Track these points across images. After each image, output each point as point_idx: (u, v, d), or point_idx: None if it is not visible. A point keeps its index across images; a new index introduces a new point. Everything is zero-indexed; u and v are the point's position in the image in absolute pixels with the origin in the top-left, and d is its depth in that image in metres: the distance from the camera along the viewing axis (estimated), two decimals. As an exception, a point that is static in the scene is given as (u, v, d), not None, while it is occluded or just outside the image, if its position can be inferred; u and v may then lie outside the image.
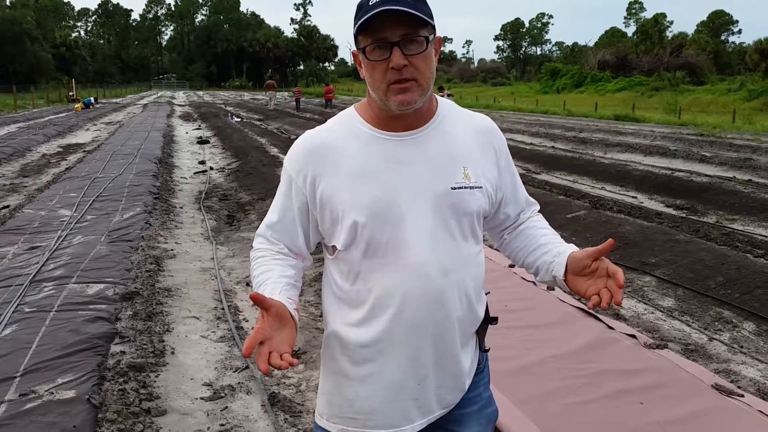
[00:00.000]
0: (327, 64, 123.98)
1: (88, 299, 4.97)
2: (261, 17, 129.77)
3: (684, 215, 9.02)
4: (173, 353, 4.36)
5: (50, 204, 8.81)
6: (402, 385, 1.61)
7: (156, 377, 3.97)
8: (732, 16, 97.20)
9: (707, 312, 5.22)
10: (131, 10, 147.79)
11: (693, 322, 5.03)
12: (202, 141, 19.25)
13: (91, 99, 39.71)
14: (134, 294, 5.27)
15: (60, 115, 30.23)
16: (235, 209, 9.40)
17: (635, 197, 10.57)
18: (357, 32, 1.51)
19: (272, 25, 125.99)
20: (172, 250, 6.94)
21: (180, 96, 66.09)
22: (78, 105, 36.18)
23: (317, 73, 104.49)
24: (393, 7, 1.44)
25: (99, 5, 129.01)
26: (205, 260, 6.68)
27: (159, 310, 5.09)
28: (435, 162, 1.58)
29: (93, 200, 8.92)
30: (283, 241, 1.66)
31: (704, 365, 4.17)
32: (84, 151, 16.19)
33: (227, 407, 3.66)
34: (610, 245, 1.64)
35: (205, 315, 5.13)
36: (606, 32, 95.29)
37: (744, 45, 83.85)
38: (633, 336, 4.42)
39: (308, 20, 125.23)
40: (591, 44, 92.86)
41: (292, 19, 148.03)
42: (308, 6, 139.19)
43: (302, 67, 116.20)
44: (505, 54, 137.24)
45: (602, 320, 4.68)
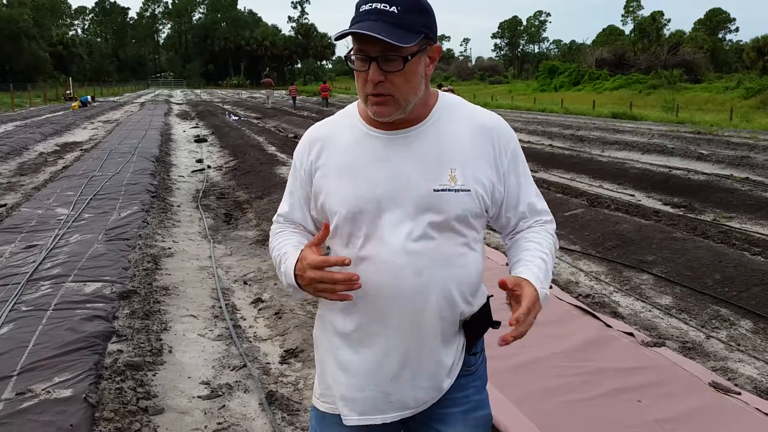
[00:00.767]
0: (325, 63, 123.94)
1: (86, 298, 4.96)
2: (258, 15, 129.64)
3: (681, 213, 9.03)
4: (171, 352, 4.36)
5: (47, 202, 8.80)
6: (373, 377, 1.64)
7: (153, 376, 3.97)
8: (729, 14, 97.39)
9: (704, 310, 5.22)
10: (128, 9, 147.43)
11: (690, 320, 5.03)
12: (200, 139, 19.22)
13: (88, 97, 39.65)
14: (131, 292, 5.26)
15: (57, 114, 30.17)
16: (233, 208, 9.40)
17: (633, 195, 10.58)
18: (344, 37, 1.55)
19: (270, 24, 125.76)
20: (170, 249, 6.93)
21: (177, 94, 66.01)
22: (75, 103, 36.13)
23: (315, 72, 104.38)
24: (364, 32, 1.44)
25: (96, 3, 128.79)
26: (203, 259, 6.68)
27: (156, 309, 5.09)
28: (421, 162, 1.58)
29: (90, 199, 8.90)
30: (295, 221, 1.78)
31: (702, 363, 4.17)
32: (81, 150, 16.17)
33: (225, 406, 3.66)
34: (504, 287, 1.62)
35: (203, 313, 5.12)
36: (603, 30, 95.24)
37: (741, 43, 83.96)
38: (630, 334, 4.43)
39: (306, 18, 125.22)
40: (588, 42, 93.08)
41: (290, 18, 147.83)
42: (306, 4, 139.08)
43: (300, 66, 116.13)
44: (503, 52, 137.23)
45: (600, 318, 4.69)
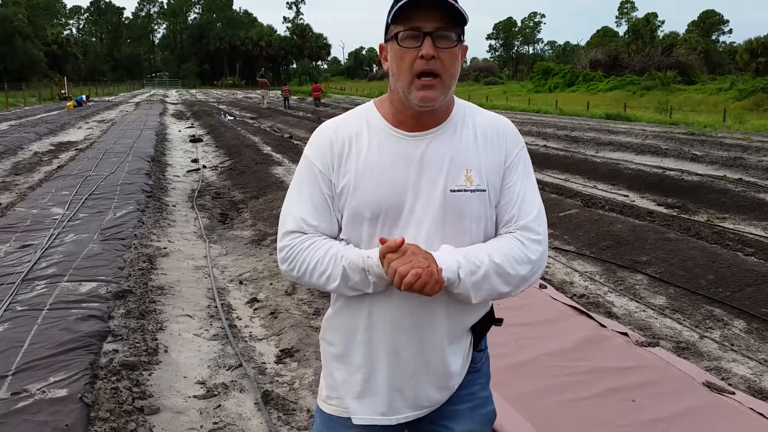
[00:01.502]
0: (320, 63, 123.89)
1: (81, 297, 4.95)
2: (254, 16, 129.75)
3: (675, 214, 9.06)
4: (166, 351, 4.36)
5: (42, 202, 8.78)
6: (389, 376, 1.65)
7: (149, 375, 3.97)
8: (722, 16, 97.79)
9: (698, 310, 5.25)
10: (123, 8, 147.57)
11: (684, 320, 5.06)
12: (195, 139, 19.19)
13: (83, 97, 39.55)
14: (127, 292, 5.26)
15: (52, 113, 30.08)
16: (229, 208, 9.39)
17: (627, 196, 10.61)
18: (392, 20, 1.53)
19: (265, 24, 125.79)
20: (165, 249, 6.92)
21: (173, 94, 65.88)
22: (70, 103, 36.02)
23: (310, 72, 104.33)
24: None
25: (91, 3, 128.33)
26: (198, 258, 6.67)
27: (152, 309, 5.08)
28: (440, 163, 1.60)
29: (85, 198, 8.88)
30: (321, 229, 1.64)
31: (695, 363, 4.19)
32: (76, 150, 16.12)
33: (220, 405, 3.66)
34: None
35: (198, 313, 5.12)
36: (598, 32, 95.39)
37: (734, 45, 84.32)
38: (625, 334, 4.45)
39: (301, 19, 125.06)
40: (583, 43, 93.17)
41: (285, 18, 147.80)
42: (301, 5, 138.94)
43: (295, 66, 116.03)
44: (498, 53, 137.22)
45: (594, 318, 4.70)
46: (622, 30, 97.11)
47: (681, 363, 4.01)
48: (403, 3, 1.48)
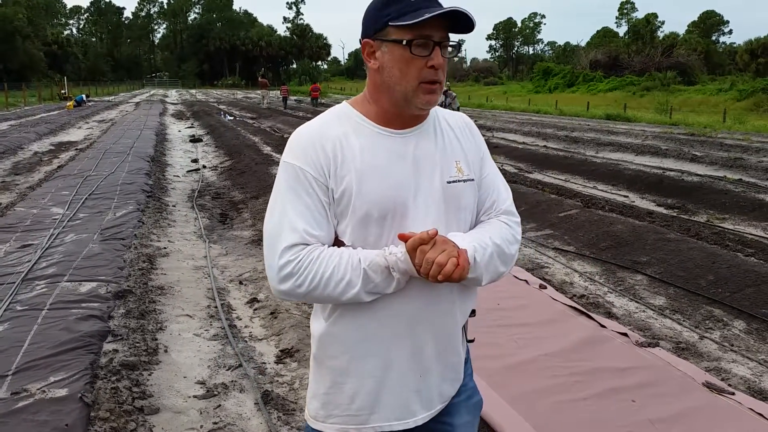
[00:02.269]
0: (320, 63, 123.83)
1: (81, 297, 4.95)
2: (254, 16, 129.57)
3: (675, 214, 9.06)
4: (166, 351, 4.36)
5: (42, 202, 8.78)
6: (405, 378, 1.63)
7: (149, 375, 3.97)
8: (723, 17, 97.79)
9: (698, 310, 5.25)
10: (123, 8, 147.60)
11: (684, 321, 5.06)
12: (195, 139, 19.20)
13: (83, 96, 39.56)
14: (127, 292, 5.26)
15: (52, 113, 30.08)
16: (228, 208, 9.39)
17: (627, 196, 10.61)
18: (395, 23, 1.51)
19: (265, 24, 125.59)
20: (165, 249, 6.92)
21: (172, 94, 65.87)
22: (70, 103, 36.02)
23: (310, 72, 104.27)
24: (461, 9, 1.49)
25: (91, 3, 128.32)
26: (198, 258, 6.67)
27: (152, 309, 5.08)
28: (432, 157, 1.63)
29: (85, 198, 8.89)
30: (322, 239, 1.57)
31: (695, 363, 4.19)
32: (76, 149, 16.12)
33: (220, 405, 3.66)
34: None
35: (198, 313, 5.12)
36: (598, 32, 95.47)
37: (734, 45, 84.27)
38: (625, 334, 4.45)
39: (301, 19, 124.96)
40: (583, 44, 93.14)
41: (285, 18, 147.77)
42: (301, 5, 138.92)
43: (295, 66, 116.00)
44: (498, 53, 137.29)
45: (594, 318, 4.71)
46: (622, 30, 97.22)
47: (681, 363, 4.02)
48: (432, 15, 1.47)
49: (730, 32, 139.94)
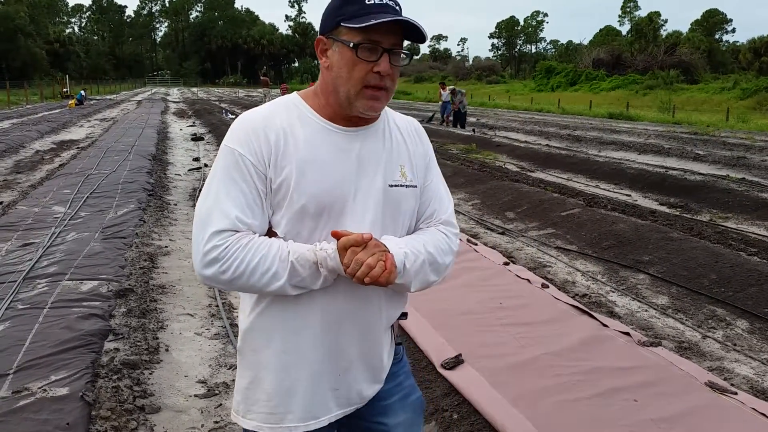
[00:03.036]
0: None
1: (82, 296, 4.95)
2: (256, 14, 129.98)
3: (678, 213, 9.05)
4: (167, 350, 4.35)
5: (44, 200, 8.78)
6: (323, 376, 1.63)
7: (150, 374, 3.96)
8: (726, 15, 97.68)
9: (701, 310, 5.23)
10: (126, 7, 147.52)
11: (687, 320, 5.04)
12: (197, 138, 19.19)
13: (83, 92, 39.61)
14: (128, 291, 5.25)
15: (53, 112, 30.12)
16: (230, 206, 9.38)
17: (629, 195, 10.60)
18: (345, 25, 1.51)
19: (267, 22, 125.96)
20: (167, 247, 6.92)
21: (174, 93, 65.91)
22: (72, 101, 36.09)
23: (312, 70, 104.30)
24: (411, 20, 1.48)
25: (93, 1, 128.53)
26: (200, 257, 6.66)
27: (153, 307, 5.08)
28: (377, 159, 1.62)
29: (87, 197, 8.88)
30: (254, 228, 1.54)
31: (698, 363, 4.18)
32: (78, 148, 16.13)
33: (221, 404, 3.65)
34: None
35: (200, 312, 5.12)
36: (600, 30, 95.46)
37: (738, 44, 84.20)
38: (627, 334, 4.44)
39: (303, 17, 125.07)
40: (586, 42, 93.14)
41: (287, 16, 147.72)
42: (303, 3, 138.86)
43: (297, 65, 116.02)
44: (500, 52, 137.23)
45: (596, 318, 4.70)
46: (625, 29, 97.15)
47: (683, 363, 4.00)
48: (378, 23, 1.46)
49: (734, 30, 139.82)
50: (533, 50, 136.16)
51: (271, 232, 1.58)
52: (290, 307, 1.59)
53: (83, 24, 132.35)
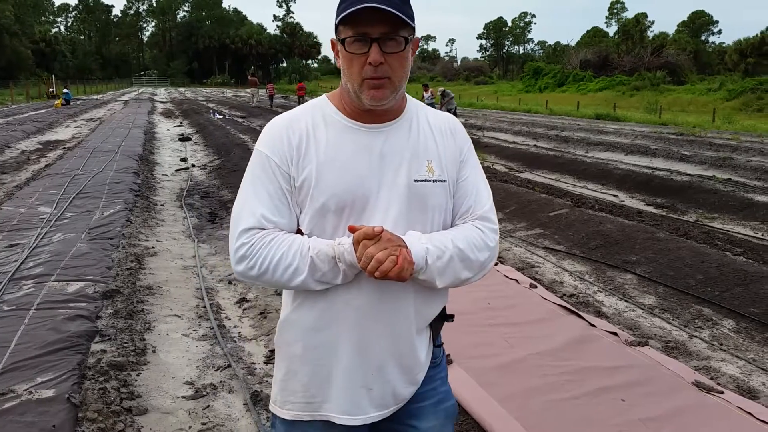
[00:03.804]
0: (310, 62, 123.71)
1: (68, 297, 4.91)
2: (243, 14, 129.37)
3: (664, 214, 9.10)
4: (154, 352, 4.33)
5: (29, 201, 8.71)
6: (354, 372, 1.63)
7: (137, 376, 3.94)
8: (712, 17, 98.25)
9: (687, 309, 5.26)
10: (112, 6, 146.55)
11: (673, 320, 5.07)
12: (184, 138, 19.11)
13: (68, 92, 39.32)
14: (115, 292, 5.22)
15: (39, 112, 29.87)
16: (217, 207, 9.35)
17: (616, 196, 10.65)
18: (339, 22, 1.54)
19: (255, 22, 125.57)
20: (154, 248, 6.88)
21: (161, 93, 65.61)
22: (58, 101, 35.79)
23: (300, 71, 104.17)
24: (377, 5, 1.47)
25: (79, 1, 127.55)
26: (187, 258, 6.64)
27: (140, 309, 5.05)
28: (401, 155, 1.62)
29: (73, 197, 8.82)
30: (281, 225, 1.60)
31: (685, 362, 4.21)
32: (64, 148, 16.01)
33: (209, 406, 3.64)
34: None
35: (187, 313, 5.09)
36: (588, 32, 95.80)
37: (724, 45, 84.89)
38: (614, 333, 4.46)
39: (291, 17, 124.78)
40: (573, 44, 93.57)
41: (275, 16, 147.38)
42: (291, 3, 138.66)
43: (285, 65, 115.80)
44: (488, 53, 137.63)
45: (584, 318, 4.71)
46: (612, 30, 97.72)
47: (670, 362, 4.03)
48: (347, 13, 1.49)
49: (720, 32, 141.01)
50: (521, 51, 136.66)
51: (298, 230, 1.62)
52: (319, 302, 1.61)
53: (69, 23, 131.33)
